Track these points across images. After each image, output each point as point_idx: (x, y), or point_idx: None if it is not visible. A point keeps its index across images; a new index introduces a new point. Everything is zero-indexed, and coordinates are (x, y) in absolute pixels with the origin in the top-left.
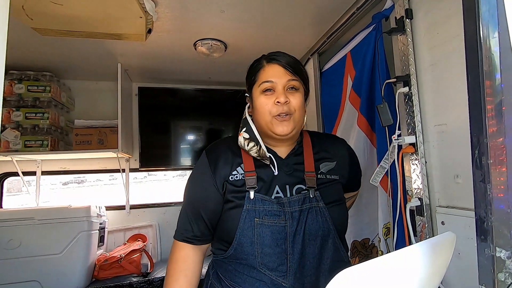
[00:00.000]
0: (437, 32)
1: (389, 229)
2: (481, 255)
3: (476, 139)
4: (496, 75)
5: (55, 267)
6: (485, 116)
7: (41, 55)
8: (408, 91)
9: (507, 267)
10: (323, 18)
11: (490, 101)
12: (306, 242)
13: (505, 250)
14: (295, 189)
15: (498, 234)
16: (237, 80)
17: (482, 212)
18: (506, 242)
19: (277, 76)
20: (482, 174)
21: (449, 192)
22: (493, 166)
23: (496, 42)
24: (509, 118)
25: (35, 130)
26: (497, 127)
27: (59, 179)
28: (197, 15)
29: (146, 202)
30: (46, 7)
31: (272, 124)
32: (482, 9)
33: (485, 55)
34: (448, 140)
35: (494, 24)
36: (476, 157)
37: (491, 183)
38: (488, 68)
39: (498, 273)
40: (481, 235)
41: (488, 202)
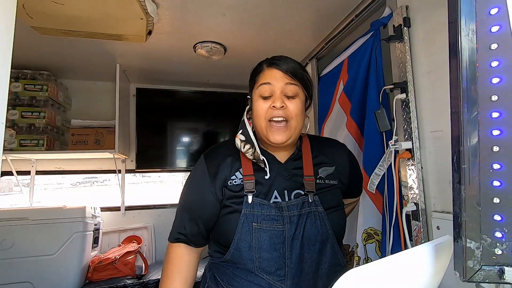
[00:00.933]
0: (434, 41)
1: (370, 234)
2: (456, 246)
3: (454, 146)
4: (472, 87)
5: (48, 268)
6: (461, 126)
7: (39, 54)
8: (405, 98)
9: (476, 256)
10: (322, 23)
11: (466, 112)
12: (304, 247)
13: (474, 242)
14: (294, 194)
15: (469, 228)
16: (235, 83)
17: (457, 209)
18: (476, 235)
19: (275, 79)
20: (458, 177)
21: (445, 197)
22: (467, 170)
23: (474, 55)
24: (482, 128)
25: (31, 129)
26: (472, 136)
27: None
28: (198, 17)
29: (141, 204)
30: (47, 7)
31: (267, 131)
32: (462, 26)
33: (464, 68)
34: (444, 146)
35: (474, 39)
36: (455, 162)
37: (465, 184)
38: (466, 81)
39: (467, 261)
40: (456, 229)
41: (462, 200)
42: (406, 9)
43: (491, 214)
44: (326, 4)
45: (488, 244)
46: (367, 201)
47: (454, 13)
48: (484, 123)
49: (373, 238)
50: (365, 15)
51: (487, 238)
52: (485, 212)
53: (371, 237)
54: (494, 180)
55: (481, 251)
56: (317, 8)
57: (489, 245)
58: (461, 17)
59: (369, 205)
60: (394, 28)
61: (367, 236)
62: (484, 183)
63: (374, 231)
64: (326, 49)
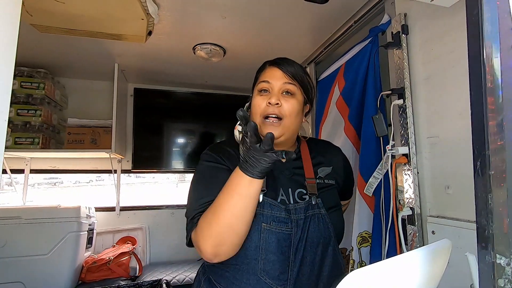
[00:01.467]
0: (432, 48)
1: (364, 237)
2: (482, 261)
3: (478, 151)
4: (499, 92)
5: (41, 268)
6: (487, 131)
7: (36, 51)
8: (402, 103)
9: (506, 273)
10: (321, 28)
11: (492, 116)
12: (307, 250)
13: (504, 257)
14: (297, 193)
15: (498, 241)
16: (233, 85)
17: (483, 221)
18: (506, 249)
19: (275, 78)
20: (484, 184)
21: (440, 202)
22: (494, 177)
23: (499, 61)
24: (509, 133)
25: (26, 127)
26: (498, 141)
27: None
28: (198, 19)
29: (137, 204)
30: (48, 5)
31: (261, 127)
32: (485, 29)
33: (488, 73)
34: (440, 152)
35: (497, 44)
36: (478, 168)
37: (492, 193)
38: (490, 85)
39: (498, 279)
40: (482, 243)
41: (489, 211)
42: (405, 17)
43: None
44: (325, 10)
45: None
46: (362, 205)
47: (474, 28)
48: (509, 125)
49: (367, 242)
50: (364, 21)
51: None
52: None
53: (365, 240)
54: None
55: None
56: (317, 13)
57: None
58: (484, 31)
59: (364, 209)
60: (392, 35)
61: (361, 240)
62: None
63: (368, 234)
64: (325, 53)
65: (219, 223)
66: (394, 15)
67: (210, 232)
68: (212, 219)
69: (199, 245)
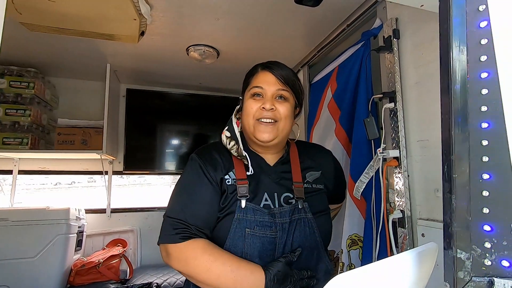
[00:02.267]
0: (422, 53)
1: (354, 240)
2: (446, 256)
3: (445, 156)
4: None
5: (28, 271)
6: (452, 136)
7: (26, 50)
8: (393, 107)
9: (466, 267)
10: (315, 31)
11: (457, 122)
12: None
13: (465, 252)
14: (283, 197)
15: (459, 238)
16: (227, 87)
17: (447, 219)
18: (466, 245)
19: (268, 84)
20: (449, 186)
21: (430, 205)
22: (458, 180)
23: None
24: (473, 139)
25: (15, 127)
26: (462, 146)
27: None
28: (192, 21)
29: (128, 206)
30: (38, 3)
31: (255, 129)
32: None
33: (455, 79)
34: (430, 155)
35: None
36: (445, 171)
37: (455, 194)
38: (456, 95)
39: (458, 272)
40: (446, 239)
41: (452, 210)
42: (396, 21)
43: (481, 225)
44: (318, 13)
45: (478, 254)
46: (352, 208)
47: (445, 25)
48: (474, 133)
49: (357, 245)
50: (356, 25)
51: (477, 249)
52: (475, 222)
53: (355, 243)
54: (484, 190)
55: (471, 262)
56: (310, 16)
57: (478, 255)
58: (452, 29)
59: (354, 212)
60: (384, 39)
61: (351, 243)
62: (474, 193)
63: (358, 237)
64: (318, 57)
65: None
66: (386, 19)
67: (197, 276)
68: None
69: (172, 262)
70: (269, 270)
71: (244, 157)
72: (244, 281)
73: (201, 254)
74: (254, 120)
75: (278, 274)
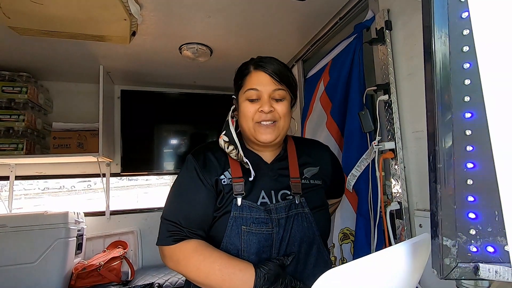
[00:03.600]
0: (414, 44)
1: (346, 234)
2: (433, 244)
3: (430, 146)
4: (446, 93)
5: (28, 276)
6: (437, 126)
7: (18, 54)
8: (388, 99)
9: (452, 253)
10: (307, 26)
11: (441, 112)
12: (290, 249)
13: (450, 239)
14: (280, 195)
15: (445, 226)
16: (222, 85)
17: (434, 208)
18: (452, 233)
19: (263, 85)
20: (434, 176)
21: (426, 196)
22: (442, 170)
23: (448, 62)
24: (457, 128)
25: (9, 132)
26: (446, 136)
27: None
28: (183, 19)
29: (127, 208)
30: (25, 6)
31: (255, 131)
32: (436, 29)
33: (438, 70)
34: (425, 146)
35: (447, 42)
36: (431, 162)
37: (440, 183)
38: (440, 86)
39: (444, 258)
40: (433, 227)
41: (438, 199)
42: (388, 13)
43: (466, 212)
44: (310, 7)
45: (463, 241)
46: (344, 202)
47: (428, 17)
48: (457, 123)
49: (348, 239)
50: (348, 17)
51: (462, 236)
52: (460, 210)
53: (347, 237)
54: (468, 179)
55: (457, 248)
56: (302, 11)
57: (464, 242)
58: (434, 20)
59: (346, 206)
60: (376, 31)
61: (343, 236)
62: (459, 182)
63: (350, 231)
64: (312, 51)
65: (199, 278)
66: (378, 11)
67: (188, 274)
68: (197, 272)
69: (167, 261)
70: (260, 268)
71: (246, 162)
72: (233, 279)
73: (191, 255)
74: (253, 123)
75: (270, 273)
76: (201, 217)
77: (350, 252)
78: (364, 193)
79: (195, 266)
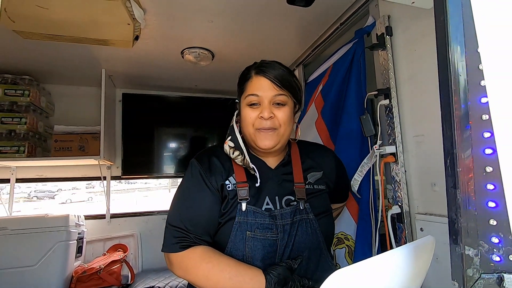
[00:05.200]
0: (414, 49)
1: (340, 238)
2: (453, 253)
3: (448, 149)
4: (463, 94)
5: (29, 279)
6: (455, 129)
7: (21, 58)
8: (388, 103)
9: (475, 264)
10: (308, 31)
11: (458, 115)
12: (294, 255)
13: (472, 249)
14: (284, 200)
15: (467, 234)
16: (223, 89)
17: (453, 215)
18: (474, 241)
19: (263, 90)
20: (453, 181)
21: (427, 200)
22: (462, 174)
23: (464, 65)
24: (475, 131)
25: (11, 135)
26: (465, 139)
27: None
28: (186, 24)
29: (127, 211)
30: (30, 11)
31: (255, 137)
32: (451, 37)
33: (453, 76)
34: (425, 150)
35: (462, 49)
36: (448, 166)
37: (460, 188)
38: (456, 87)
39: (467, 269)
40: (453, 236)
41: (458, 206)
42: (388, 19)
43: (487, 219)
44: (311, 12)
45: (485, 250)
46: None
47: (441, 17)
48: (475, 125)
49: (343, 243)
50: (349, 23)
51: (484, 244)
52: (481, 217)
53: (341, 242)
54: (488, 184)
55: (480, 258)
56: (303, 16)
57: (486, 251)
58: (449, 21)
59: (342, 210)
60: (377, 36)
61: (337, 241)
62: (479, 187)
63: (345, 236)
64: (313, 56)
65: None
66: (379, 17)
67: (197, 281)
68: (206, 280)
69: (175, 269)
70: (270, 274)
71: (252, 168)
72: (244, 287)
73: (200, 262)
74: (254, 129)
75: (279, 277)
76: (207, 222)
77: (344, 257)
78: (365, 197)
79: (204, 275)
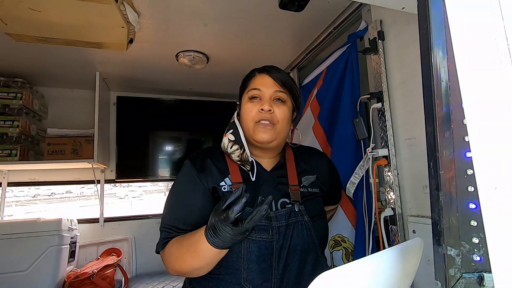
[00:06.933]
0: (406, 53)
1: (337, 241)
2: (436, 254)
3: (431, 152)
4: (445, 98)
5: (19, 285)
6: (437, 133)
7: (13, 60)
8: (381, 107)
9: (456, 263)
10: (303, 35)
11: (440, 118)
12: (290, 257)
13: (454, 249)
14: (280, 203)
15: (448, 235)
16: (218, 92)
17: (436, 216)
18: (455, 242)
19: (265, 86)
20: (435, 183)
21: (419, 202)
22: (444, 176)
23: (446, 70)
24: (457, 134)
25: (3, 138)
26: (447, 142)
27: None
28: (180, 27)
29: (121, 215)
30: (23, 13)
31: (254, 131)
32: (434, 42)
33: (436, 81)
34: (417, 153)
35: (444, 54)
36: (431, 168)
37: (442, 190)
38: (438, 91)
39: (449, 269)
40: (436, 236)
41: (440, 207)
42: (380, 23)
43: (468, 220)
44: (305, 17)
45: (467, 250)
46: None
47: (424, 24)
48: (457, 129)
49: (340, 246)
50: (342, 27)
51: (466, 245)
52: (463, 217)
53: (338, 244)
54: (469, 186)
55: (461, 258)
56: (297, 20)
57: (467, 251)
58: (432, 27)
59: (338, 213)
60: (369, 40)
61: (334, 244)
62: (460, 188)
63: (341, 238)
64: (307, 59)
65: (183, 267)
66: (371, 22)
67: (175, 268)
68: (176, 262)
69: (166, 267)
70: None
71: (249, 162)
72: (192, 245)
73: (171, 251)
74: (253, 123)
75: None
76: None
77: (341, 259)
78: (359, 200)
79: (174, 257)
